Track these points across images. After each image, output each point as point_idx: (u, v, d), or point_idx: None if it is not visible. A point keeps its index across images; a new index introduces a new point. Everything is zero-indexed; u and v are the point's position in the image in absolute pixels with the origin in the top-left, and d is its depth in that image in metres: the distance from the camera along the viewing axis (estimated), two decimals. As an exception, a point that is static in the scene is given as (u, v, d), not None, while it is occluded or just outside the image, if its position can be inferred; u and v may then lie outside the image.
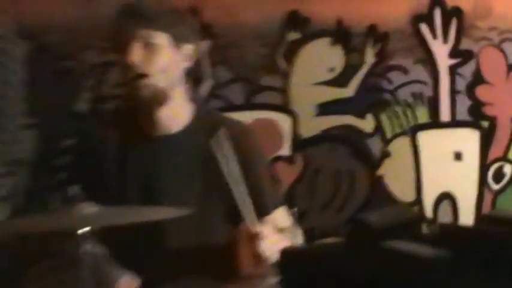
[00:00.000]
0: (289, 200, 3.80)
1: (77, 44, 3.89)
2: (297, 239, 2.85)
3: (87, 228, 2.67)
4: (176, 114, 3.12)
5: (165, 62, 3.02)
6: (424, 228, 1.64)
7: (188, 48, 3.09)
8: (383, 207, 3.80)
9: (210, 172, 3.08)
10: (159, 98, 3.03)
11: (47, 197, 3.71)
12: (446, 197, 4.20)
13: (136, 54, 2.97)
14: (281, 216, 3.14)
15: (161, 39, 3.01)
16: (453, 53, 4.20)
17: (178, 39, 3.04)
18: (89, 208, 2.72)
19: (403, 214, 1.72)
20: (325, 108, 3.97)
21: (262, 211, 3.11)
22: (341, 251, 1.59)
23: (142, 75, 2.98)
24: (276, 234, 2.84)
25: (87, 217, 2.66)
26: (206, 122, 3.15)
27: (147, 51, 2.99)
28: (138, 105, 3.08)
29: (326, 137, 3.97)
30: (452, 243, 1.51)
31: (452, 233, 1.64)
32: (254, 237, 2.80)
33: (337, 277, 1.53)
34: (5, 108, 3.70)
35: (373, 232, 1.54)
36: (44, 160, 3.79)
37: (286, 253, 1.65)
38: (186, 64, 3.11)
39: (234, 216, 3.13)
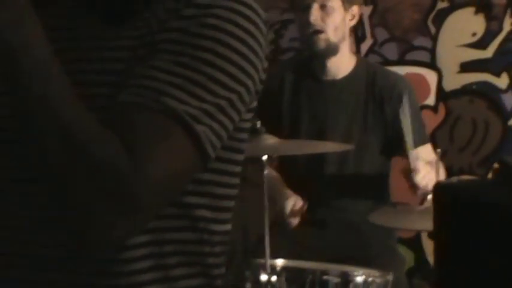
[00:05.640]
0: (432, 142, 3.76)
1: (261, 5, 3.90)
2: (441, 173, 2.81)
3: (267, 156, 2.72)
4: (342, 63, 3.12)
5: (337, 21, 3.02)
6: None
7: (355, 9, 3.09)
8: (512, 152, 3.71)
9: (369, 112, 3.07)
10: (332, 50, 3.05)
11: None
12: None
13: (314, 14, 2.98)
14: (426, 151, 3.09)
15: (334, 2, 3.01)
16: None
17: (347, 2, 3.04)
18: (270, 139, 2.75)
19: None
20: (467, 67, 3.88)
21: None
22: (489, 186, 1.55)
23: (319, 31, 3.00)
24: (429, 167, 2.82)
25: (269, 146, 2.70)
26: (365, 70, 3.14)
27: (323, 12, 3.00)
28: (314, 55, 3.09)
29: (466, 90, 3.89)
30: None
31: None
32: (410, 171, 2.80)
33: (485, 209, 1.48)
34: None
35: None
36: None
37: (440, 187, 1.61)
38: (352, 23, 3.12)
39: (388, 151, 3.12)
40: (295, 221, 2.96)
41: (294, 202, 3.00)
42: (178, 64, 1.09)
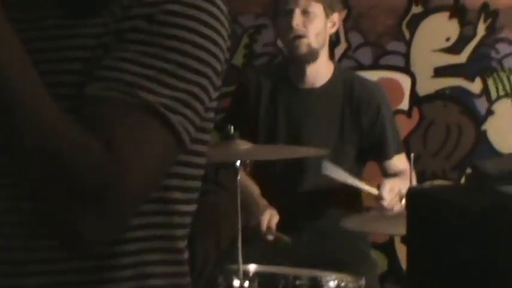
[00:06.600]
0: (405, 147, 3.76)
1: (235, 9, 3.90)
2: (412, 181, 2.82)
3: (240, 161, 2.69)
4: (321, 70, 3.11)
5: (318, 27, 3.02)
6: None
7: (335, 17, 3.09)
8: (485, 157, 3.71)
9: (345, 121, 3.07)
10: (312, 56, 3.04)
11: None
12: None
13: (296, 19, 2.97)
14: (400, 160, 3.10)
15: (317, 8, 3.00)
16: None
17: (328, 9, 3.04)
18: (244, 144, 2.73)
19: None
20: (440, 72, 3.89)
21: (384, 156, 3.09)
22: (461, 191, 1.55)
23: (301, 36, 2.99)
24: (392, 194, 2.85)
25: (243, 152, 2.68)
26: (343, 79, 3.13)
27: (305, 18, 2.99)
28: (294, 60, 3.08)
29: (440, 95, 3.90)
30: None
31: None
32: (377, 198, 2.87)
33: (457, 213, 1.48)
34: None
35: (488, 176, 1.50)
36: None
37: (413, 192, 1.61)
38: (332, 30, 3.12)
39: (363, 159, 3.13)
40: (270, 237, 2.93)
41: (269, 216, 2.94)
42: (147, 55, 1.09)
